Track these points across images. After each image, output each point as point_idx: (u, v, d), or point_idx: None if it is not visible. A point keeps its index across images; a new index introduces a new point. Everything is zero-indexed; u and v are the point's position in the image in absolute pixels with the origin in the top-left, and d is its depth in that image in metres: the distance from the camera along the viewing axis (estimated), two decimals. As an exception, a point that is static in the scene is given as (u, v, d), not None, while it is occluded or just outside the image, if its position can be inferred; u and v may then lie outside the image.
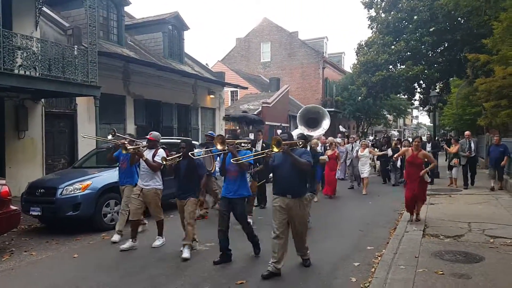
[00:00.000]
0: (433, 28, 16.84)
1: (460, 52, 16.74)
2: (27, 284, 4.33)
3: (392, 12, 18.31)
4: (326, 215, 7.83)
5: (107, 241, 6.04)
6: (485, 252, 4.95)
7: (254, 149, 6.62)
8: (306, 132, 6.64)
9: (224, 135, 5.26)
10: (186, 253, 4.94)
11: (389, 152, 12.37)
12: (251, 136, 16.65)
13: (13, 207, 5.36)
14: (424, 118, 75.62)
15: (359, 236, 6.16)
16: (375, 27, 18.95)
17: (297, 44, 30.88)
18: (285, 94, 24.50)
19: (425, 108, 26.44)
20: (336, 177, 10.08)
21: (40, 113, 10.08)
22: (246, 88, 22.64)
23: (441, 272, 4.22)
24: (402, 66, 19.06)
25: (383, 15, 18.70)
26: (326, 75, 30.73)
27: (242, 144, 4.89)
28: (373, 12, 18.84)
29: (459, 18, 16.58)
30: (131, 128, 13.10)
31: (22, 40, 7.63)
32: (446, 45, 18.30)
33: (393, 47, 18.28)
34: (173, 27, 16.32)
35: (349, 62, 42.96)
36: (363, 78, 19.47)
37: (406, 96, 23.77)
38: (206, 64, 21.89)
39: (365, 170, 10.96)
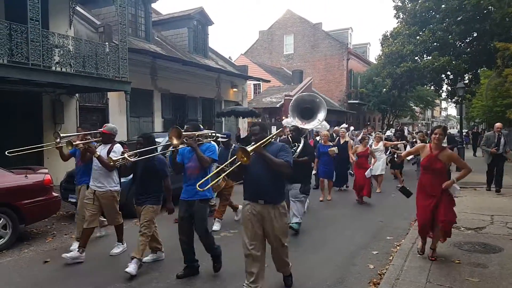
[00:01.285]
0: (461, 17, 16.36)
1: (490, 42, 16.23)
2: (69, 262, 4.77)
3: (419, 1, 17.91)
4: (344, 208, 7.98)
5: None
6: (506, 244, 5.00)
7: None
8: (299, 124, 5.89)
9: (196, 127, 4.32)
10: (130, 268, 4.12)
11: (402, 148, 11.25)
12: (274, 129, 16.81)
13: (54, 194, 5.84)
14: (453, 110, 73.24)
15: (379, 227, 6.30)
16: (401, 17, 18.59)
17: (321, 36, 30.62)
18: (308, 87, 24.48)
19: (453, 100, 25.79)
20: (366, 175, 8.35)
21: (75, 107, 10.68)
22: (269, 81, 22.79)
23: (458, 261, 4.35)
24: (428, 57, 18.66)
25: (409, 4, 18.31)
26: (350, 66, 30.38)
27: (209, 135, 4.29)
28: (399, 2, 18.48)
29: (489, 7, 16.04)
30: (158, 121, 13.62)
31: (59, 39, 8.13)
32: (474, 35, 17.75)
33: (418, 37, 17.90)
34: (197, 22, 16.66)
35: (374, 53, 42.31)
36: (387, 69, 19.21)
37: (433, 88, 23.24)
38: (229, 57, 22.18)
39: (379, 166, 9.58)
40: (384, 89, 23.98)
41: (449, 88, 21.86)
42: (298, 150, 5.69)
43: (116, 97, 11.57)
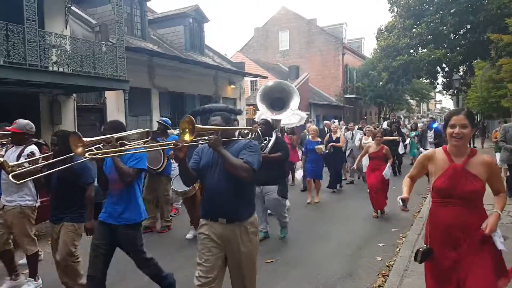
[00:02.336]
0: (454, 9, 16.46)
1: (483, 34, 16.35)
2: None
3: (413, -5, 18.00)
4: (346, 200, 8.02)
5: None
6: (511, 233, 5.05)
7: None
8: (269, 116, 5.17)
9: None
10: None
11: (400, 147, 10.86)
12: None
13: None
14: (448, 102, 73.62)
15: (382, 220, 6.33)
16: (395, 10, 18.65)
17: (316, 31, 30.62)
18: (305, 82, 24.50)
19: (449, 92, 25.94)
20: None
21: (72, 107, 10.60)
22: (266, 77, 22.74)
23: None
24: (423, 50, 18.76)
25: (403, -2, 18.41)
26: (346, 61, 30.42)
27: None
28: (393, -4, 18.55)
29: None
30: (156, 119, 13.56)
31: (56, 38, 8.05)
32: (468, 27, 17.90)
33: (414, 30, 18.01)
34: (193, 20, 16.57)
35: (369, 48, 42.40)
36: (384, 63, 19.31)
37: (428, 81, 23.35)
38: (225, 54, 22.11)
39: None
40: (381, 83, 24.07)
41: (444, 80, 22.01)
42: (269, 145, 4.93)
43: (113, 96, 11.50)
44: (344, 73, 30.34)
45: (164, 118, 6.40)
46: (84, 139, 2.63)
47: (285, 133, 8.57)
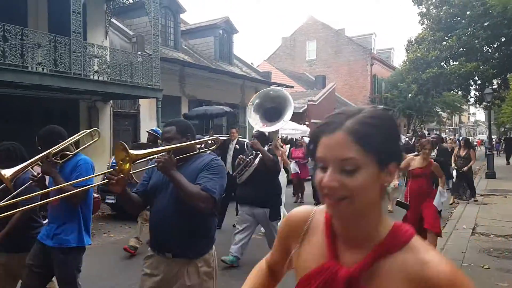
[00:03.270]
0: (488, 22, 16.14)
1: (519, 47, 15.94)
2: (113, 258, 5.13)
3: (444, 8, 17.77)
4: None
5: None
6: (536, 251, 5.01)
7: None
8: (259, 127, 4.56)
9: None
10: None
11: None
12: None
13: (95, 195, 6.24)
14: (482, 115, 71.17)
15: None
16: (425, 23, 18.48)
17: (344, 41, 30.64)
18: (332, 92, 24.54)
19: (481, 105, 25.26)
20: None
21: (109, 113, 11.23)
22: (292, 87, 22.99)
23: (487, 267, 4.42)
24: (455, 63, 18.44)
25: (434, 10, 18.19)
26: (374, 71, 30.23)
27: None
28: (423, 8, 18.39)
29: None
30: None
31: (98, 49, 8.64)
32: (503, 39, 17.45)
33: (444, 43, 17.75)
34: (223, 31, 17.10)
35: (399, 58, 41.73)
36: (413, 75, 19.10)
37: (460, 93, 22.86)
38: (252, 63, 22.52)
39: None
40: (410, 95, 23.76)
41: (477, 93, 21.47)
42: (257, 161, 4.27)
43: (147, 103, 12.07)
44: (372, 83, 30.13)
45: (154, 128, 6.22)
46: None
47: (295, 147, 8.53)
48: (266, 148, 4.39)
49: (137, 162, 2.04)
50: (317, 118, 21.83)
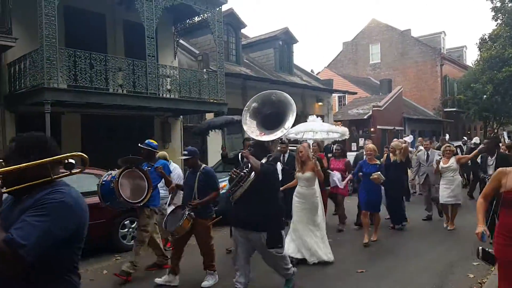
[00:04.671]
0: None
1: None
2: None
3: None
4: (433, 223, 7.67)
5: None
6: None
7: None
8: (255, 136, 3.76)
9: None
10: None
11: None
12: (361, 142, 16.20)
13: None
14: None
15: (477, 241, 6.03)
16: (500, 18, 17.13)
17: (410, 42, 29.36)
18: (399, 96, 23.59)
19: None
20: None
21: (180, 128, 12.14)
22: (355, 93, 22.60)
23: None
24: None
25: (510, 4, 16.82)
26: (445, 72, 28.46)
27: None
28: (497, 2, 17.08)
29: None
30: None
31: (170, 70, 9.50)
32: None
33: (523, 37, 16.29)
34: (283, 42, 17.50)
35: (471, 57, 38.48)
36: (487, 75, 17.75)
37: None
38: (312, 71, 22.57)
39: (453, 191, 6.66)
40: (485, 96, 21.97)
41: None
42: (252, 176, 3.51)
43: (211, 117, 12.80)
44: (443, 85, 28.37)
45: (148, 141, 5.41)
46: None
47: (334, 157, 7.30)
48: (264, 160, 3.59)
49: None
50: (384, 124, 21.16)
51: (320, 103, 18.19)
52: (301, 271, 4.48)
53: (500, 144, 7.14)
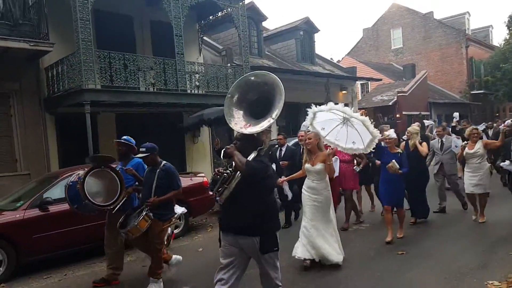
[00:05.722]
0: None
1: None
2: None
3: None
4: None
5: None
6: None
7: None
8: (240, 128, 3.07)
9: None
10: None
11: None
12: (387, 130, 16.01)
13: (210, 193, 7.11)
14: None
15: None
16: (530, -7, 16.44)
17: (433, 25, 28.63)
18: (423, 80, 23.14)
19: None
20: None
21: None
22: (380, 80, 22.29)
23: None
24: None
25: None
26: (470, 54, 27.64)
27: None
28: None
29: None
30: (273, 128, 14.72)
31: (198, 66, 9.74)
32: None
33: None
34: (304, 32, 17.44)
35: (499, 36, 36.89)
36: (518, 53, 17.13)
37: None
38: (331, 58, 22.39)
39: (481, 180, 5.95)
40: (515, 75, 21.24)
41: None
42: (237, 175, 2.99)
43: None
44: (469, 67, 27.58)
45: (126, 137, 4.83)
46: None
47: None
48: (253, 155, 3.02)
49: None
50: (409, 110, 20.83)
51: (344, 92, 18.08)
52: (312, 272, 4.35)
53: None
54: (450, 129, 9.29)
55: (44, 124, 8.96)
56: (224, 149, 3.04)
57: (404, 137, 6.92)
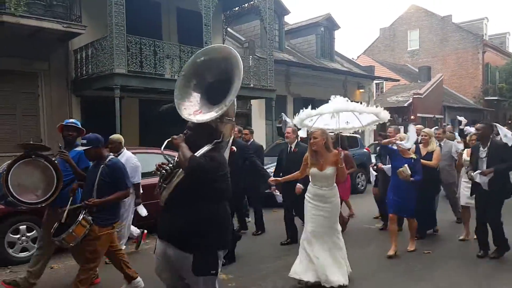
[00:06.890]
0: None
1: None
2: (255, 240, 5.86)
3: None
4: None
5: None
6: None
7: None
8: (189, 114, 2.53)
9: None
10: None
11: None
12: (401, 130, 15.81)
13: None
14: None
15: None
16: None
17: (451, 29, 28.37)
18: (439, 84, 23.02)
19: None
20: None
21: (226, 113, 12.47)
22: (398, 80, 22.23)
23: None
24: None
25: None
26: (486, 60, 27.43)
27: None
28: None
29: None
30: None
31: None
32: None
33: None
34: (325, 28, 17.39)
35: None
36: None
37: None
38: (352, 58, 22.30)
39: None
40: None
41: None
42: (179, 173, 2.44)
43: (257, 103, 13.04)
44: (485, 72, 27.39)
45: (73, 119, 4.21)
46: None
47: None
48: (207, 147, 2.47)
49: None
50: (424, 112, 20.76)
51: (361, 90, 18.05)
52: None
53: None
54: (457, 133, 8.88)
55: (70, 106, 9.07)
56: (169, 139, 2.49)
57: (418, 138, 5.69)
